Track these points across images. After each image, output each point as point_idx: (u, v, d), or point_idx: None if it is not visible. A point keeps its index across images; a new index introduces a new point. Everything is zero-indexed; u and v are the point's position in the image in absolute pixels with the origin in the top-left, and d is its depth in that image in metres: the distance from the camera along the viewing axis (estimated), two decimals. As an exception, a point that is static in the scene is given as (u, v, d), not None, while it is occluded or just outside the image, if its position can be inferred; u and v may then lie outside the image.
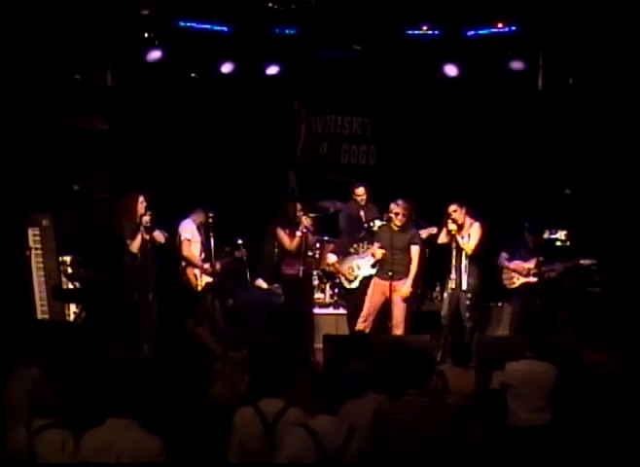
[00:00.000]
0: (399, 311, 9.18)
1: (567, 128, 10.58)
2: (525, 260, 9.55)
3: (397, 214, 9.19)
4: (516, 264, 9.56)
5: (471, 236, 9.12)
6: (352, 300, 9.86)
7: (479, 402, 6.67)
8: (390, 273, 9.12)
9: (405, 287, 9.18)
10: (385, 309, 9.26)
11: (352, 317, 9.65)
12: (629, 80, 9.63)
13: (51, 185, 9.37)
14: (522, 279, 9.56)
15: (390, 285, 9.13)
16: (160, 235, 9.18)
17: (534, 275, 9.52)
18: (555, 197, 10.75)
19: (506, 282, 9.71)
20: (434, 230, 9.64)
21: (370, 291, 9.42)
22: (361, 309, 9.39)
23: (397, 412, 4.93)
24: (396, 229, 9.27)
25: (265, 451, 4.90)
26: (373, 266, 9.61)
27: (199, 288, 9.53)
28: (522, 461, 6.33)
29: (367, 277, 9.68)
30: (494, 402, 6.63)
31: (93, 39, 9.68)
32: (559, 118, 10.64)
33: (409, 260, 9.25)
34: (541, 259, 9.51)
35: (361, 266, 9.81)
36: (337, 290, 10.96)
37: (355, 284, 9.87)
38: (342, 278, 10.06)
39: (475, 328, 9.36)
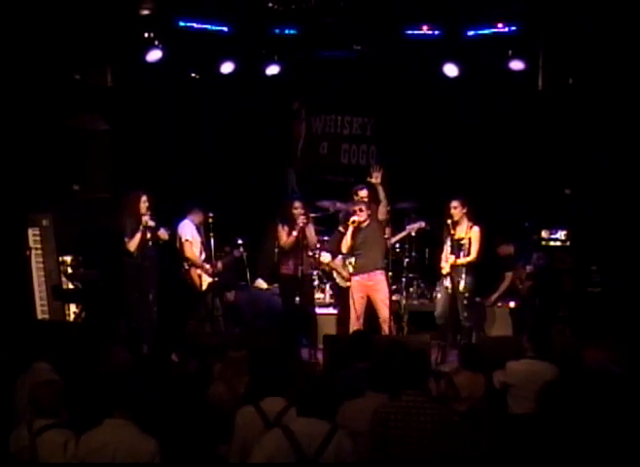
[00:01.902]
0: (381, 307, 9.23)
1: (567, 128, 10.58)
2: (524, 266, 9.70)
3: (357, 211, 9.26)
4: (517, 273, 9.78)
5: (472, 243, 9.18)
6: (345, 300, 9.73)
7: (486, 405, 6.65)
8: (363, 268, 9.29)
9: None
10: (372, 307, 9.33)
11: (342, 319, 9.62)
12: (629, 80, 9.63)
13: (51, 185, 9.38)
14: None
15: (366, 283, 9.25)
16: (164, 233, 9.22)
17: (527, 278, 9.68)
18: (555, 197, 10.75)
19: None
20: (422, 224, 9.95)
21: (351, 291, 9.42)
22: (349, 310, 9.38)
23: (397, 412, 4.92)
24: (363, 226, 9.31)
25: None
26: None
27: (203, 288, 9.55)
28: (522, 461, 6.32)
29: None
30: (496, 402, 6.63)
31: (93, 39, 9.67)
32: (559, 118, 10.63)
33: (376, 252, 9.31)
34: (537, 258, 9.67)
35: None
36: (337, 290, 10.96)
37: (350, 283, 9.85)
38: (338, 277, 10.08)
39: (472, 328, 9.40)
